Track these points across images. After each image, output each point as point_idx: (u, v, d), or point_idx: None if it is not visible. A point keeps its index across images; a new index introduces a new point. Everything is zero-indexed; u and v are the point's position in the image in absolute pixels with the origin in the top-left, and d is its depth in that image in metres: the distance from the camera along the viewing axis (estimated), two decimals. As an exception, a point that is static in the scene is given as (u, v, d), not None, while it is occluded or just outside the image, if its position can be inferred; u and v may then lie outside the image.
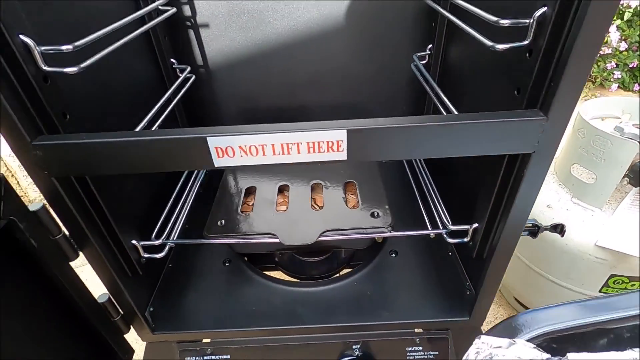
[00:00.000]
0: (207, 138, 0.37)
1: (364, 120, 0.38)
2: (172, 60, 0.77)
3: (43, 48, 0.39)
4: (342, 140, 0.38)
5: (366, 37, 0.78)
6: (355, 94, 0.86)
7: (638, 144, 0.68)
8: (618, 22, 1.99)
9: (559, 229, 0.54)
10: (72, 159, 0.39)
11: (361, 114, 0.89)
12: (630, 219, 0.74)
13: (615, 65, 2.10)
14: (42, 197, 0.42)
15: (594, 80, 2.17)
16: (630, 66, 2.08)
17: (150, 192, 0.67)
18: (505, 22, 0.39)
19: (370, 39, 0.78)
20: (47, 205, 0.43)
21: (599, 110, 0.84)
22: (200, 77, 0.82)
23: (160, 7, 0.66)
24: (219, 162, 0.39)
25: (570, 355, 0.36)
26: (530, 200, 0.46)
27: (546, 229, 0.55)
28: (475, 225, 0.56)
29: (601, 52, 2.04)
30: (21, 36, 0.37)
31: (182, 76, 0.75)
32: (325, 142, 0.38)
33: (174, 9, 0.70)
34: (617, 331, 0.41)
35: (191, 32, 0.78)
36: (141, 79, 0.68)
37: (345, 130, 0.37)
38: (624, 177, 0.75)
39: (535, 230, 0.54)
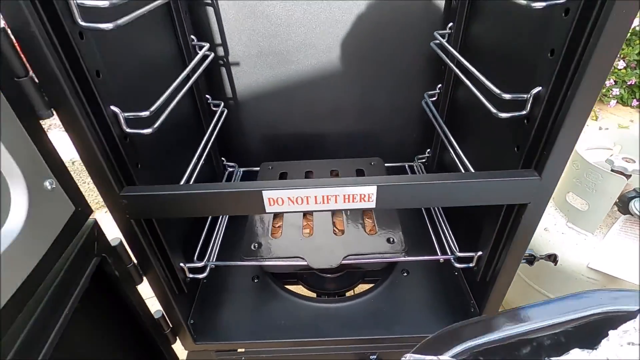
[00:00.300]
0: (262, 191, 0.46)
1: (391, 177, 0.46)
2: (207, 96, 0.86)
3: (126, 115, 0.47)
4: (372, 193, 0.46)
5: (382, 75, 0.86)
6: (370, 124, 0.95)
7: (625, 178, 0.76)
8: (617, 40, 2.07)
9: (552, 258, 0.62)
10: (151, 206, 0.47)
11: (374, 141, 0.97)
12: (619, 244, 0.82)
13: (614, 82, 2.18)
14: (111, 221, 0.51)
15: (593, 95, 2.25)
16: (629, 83, 2.16)
17: (192, 220, 0.75)
18: (507, 96, 0.47)
19: (386, 76, 0.87)
20: (123, 241, 0.52)
21: (593, 141, 0.93)
22: (230, 109, 0.91)
23: (204, 54, 0.74)
24: (269, 209, 0.48)
25: None
26: (527, 238, 0.54)
27: (542, 258, 0.63)
28: (480, 253, 0.65)
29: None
30: (112, 107, 0.46)
31: (217, 110, 0.83)
32: (358, 194, 0.46)
33: (213, 54, 0.78)
34: (538, 340, 0.41)
35: (223, 70, 0.87)
36: (188, 121, 0.77)
37: (375, 186, 0.46)
38: (613, 205, 0.83)
39: (532, 259, 0.62)
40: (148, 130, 0.49)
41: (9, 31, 0.34)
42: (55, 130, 1.48)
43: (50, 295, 0.36)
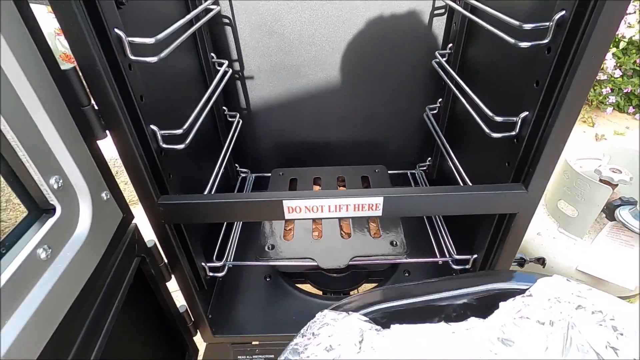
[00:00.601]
0: (283, 200, 0.52)
1: (396, 189, 0.53)
2: (224, 108, 0.92)
3: (162, 132, 0.54)
4: (379, 203, 0.53)
5: (386, 89, 0.93)
6: (375, 133, 1.01)
7: (611, 188, 0.83)
8: (614, 50, 2.13)
9: (541, 261, 0.69)
10: (184, 213, 0.54)
11: (378, 149, 1.04)
12: (606, 248, 0.89)
13: (610, 90, 2.24)
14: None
15: (590, 102, 2.30)
16: (625, 91, 2.22)
17: (211, 223, 0.82)
18: (498, 119, 0.54)
19: (390, 90, 0.93)
20: (157, 242, 0.58)
21: (583, 152, 0.99)
22: (244, 119, 0.97)
23: (224, 70, 0.81)
24: (288, 216, 0.54)
25: (393, 326, 0.41)
26: (517, 243, 0.61)
27: (531, 261, 0.69)
28: (475, 255, 0.71)
29: (597, 78, 2.18)
30: (152, 126, 0.52)
31: (234, 121, 0.90)
32: (367, 204, 0.53)
33: (230, 70, 0.85)
34: (443, 308, 0.46)
35: (239, 83, 0.93)
36: (209, 133, 0.84)
37: (382, 197, 0.52)
38: (601, 212, 0.89)
39: (522, 262, 0.69)
40: (181, 146, 0.55)
41: (78, 68, 0.40)
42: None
43: (104, 293, 0.43)
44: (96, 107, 0.43)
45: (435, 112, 0.91)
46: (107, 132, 0.46)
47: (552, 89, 0.47)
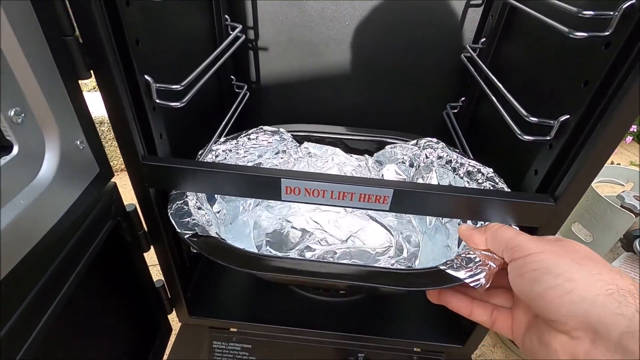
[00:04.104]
0: (281, 179, 0.47)
1: (409, 183, 0.47)
2: (232, 77, 0.86)
3: (157, 85, 0.48)
4: (388, 196, 0.47)
5: (407, 80, 0.87)
6: (390, 126, 0.94)
7: (634, 216, 0.77)
8: None
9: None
10: (170, 178, 0.48)
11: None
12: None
13: (633, 118, 2.17)
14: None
15: (610, 128, 2.23)
16: (648, 121, 2.15)
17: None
18: (534, 119, 0.48)
19: (411, 82, 0.87)
20: (137, 207, 0.53)
21: (606, 176, 0.93)
22: (252, 93, 0.91)
23: (236, 35, 0.75)
24: (285, 197, 0.48)
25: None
26: (531, 261, 0.55)
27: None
28: (480, 269, 0.65)
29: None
30: (145, 76, 0.46)
31: (240, 92, 0.84)
32: (374, 195, 0.47)
33: (244, 36, 0.79)
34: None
35: (251, 54, 0.87)
36: (211, 99, 0.78)
37: (392, 189, 0.46)
38: (617, 241, 0.83)
39: (531, 282, 0.63)
40: (177, 104, 0.50)
41: (62, -10, 0.34)
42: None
43: (67, 251, 0.37)
44: (81, 41, 0.38)
45: (456, 110, 0.85)
46: (92, 73, 0.40)
47: (604, 92, 0.41)
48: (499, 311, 0.45)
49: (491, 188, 0.59)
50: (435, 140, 0.71)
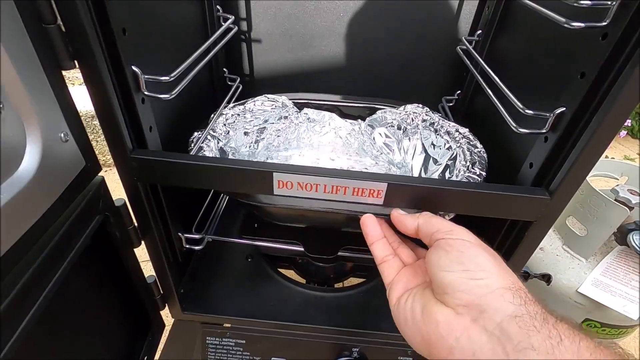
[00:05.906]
0: (273, 172, 0.46)
1: (403, 177, 0.46)
2: (225, 69, 0.85)
3: (146, 77, 0.47)
4: (382, 190, 0.46)
5: (403, 73, 0.86)
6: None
7: (628, 209, 0.77)
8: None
9: (546, 278, 0.63)
10: (160, 172, 0.47)
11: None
12: (612, 273, 0.83)
13: (627, 112, 2.18)
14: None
15: (605, 123, 2.24)
16: (641, 115, 2.16)
17: (194, 191, 0.75)
18: (529, 112, 0.47)
19: (406, 75, 0.86)
20: (127, 202, 0.52)
21: (600, 169, 0.93)
22: (245, 86, 0.90)
23: (228, 26, 0.73)
24: (278, 191, 0.47)
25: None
26: (526, 255, 0.55)
27: (535, 277, 0.63)
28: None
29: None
30: (133, 67, 0.45)
31: (233, 85, 0.82)
32: (368, 189, 0.46)
33: (236, 28, 0.77)
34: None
35: (244, 46, 0.85)
36: (202, 92, 0.77)
37: (386, 183, 0.45)
38: (611, 235, 0.83)
39: (526, 276, 0.63)
40: (166, 96, 0.48)
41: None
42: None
43: (51, 248, 0.36)
44: (63, 29, 0.36)
45: (451, 104, 0.84)
46: (76, 63, 0.39)
47: (601, 83, 0.41)
48: (394, 259, 0.46)
49: (467, 145, 0.63)
50: (420, 106, 0.75)
